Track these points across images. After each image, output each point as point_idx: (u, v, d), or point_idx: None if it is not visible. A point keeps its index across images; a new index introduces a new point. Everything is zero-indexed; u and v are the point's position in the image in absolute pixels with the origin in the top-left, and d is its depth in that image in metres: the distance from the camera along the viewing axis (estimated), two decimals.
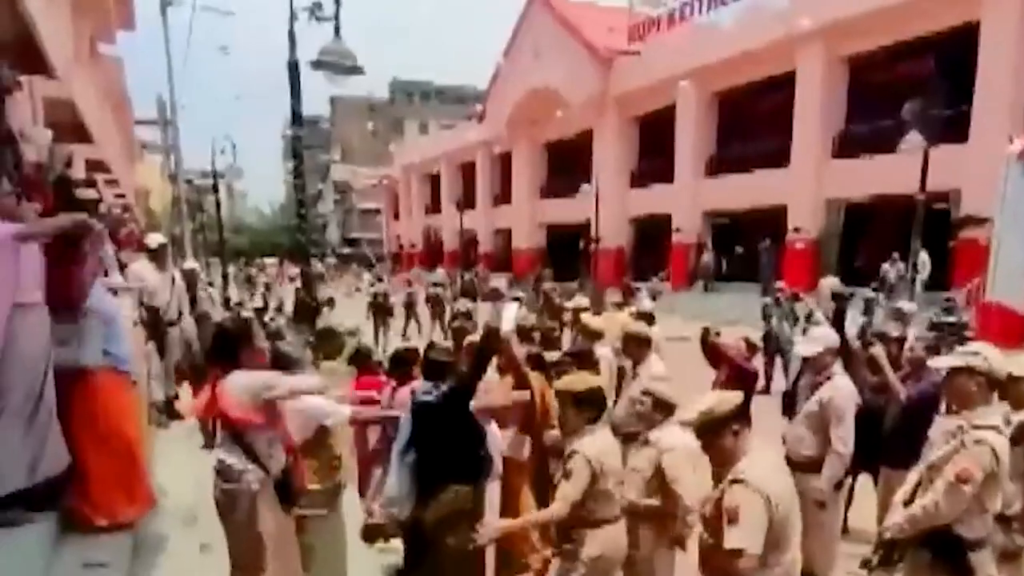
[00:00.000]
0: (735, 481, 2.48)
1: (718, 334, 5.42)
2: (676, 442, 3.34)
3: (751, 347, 5.30)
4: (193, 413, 3.50)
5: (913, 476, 3.02)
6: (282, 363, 3.58)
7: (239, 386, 3.14)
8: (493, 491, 3.86)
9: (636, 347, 4.74)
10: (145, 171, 28.83)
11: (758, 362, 6.53)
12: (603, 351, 5.16)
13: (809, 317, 8.60)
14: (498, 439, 3.90)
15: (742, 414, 2.59)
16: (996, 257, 11.09)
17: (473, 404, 3.42)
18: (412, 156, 43.03)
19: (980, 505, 2.70)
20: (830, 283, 14.29)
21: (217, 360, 3.29)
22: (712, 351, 5.37)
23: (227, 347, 3.28)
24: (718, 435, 2.60)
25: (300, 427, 3.50)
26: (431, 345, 3.99)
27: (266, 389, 3.17)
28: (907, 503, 2.92)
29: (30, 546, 2.93)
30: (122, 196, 20.45)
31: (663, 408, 3.52)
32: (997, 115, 13.71)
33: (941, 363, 3.05)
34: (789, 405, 6.06)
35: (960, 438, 2.74)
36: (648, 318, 6.33)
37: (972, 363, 2.79)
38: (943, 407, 3.74)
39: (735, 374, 5.24)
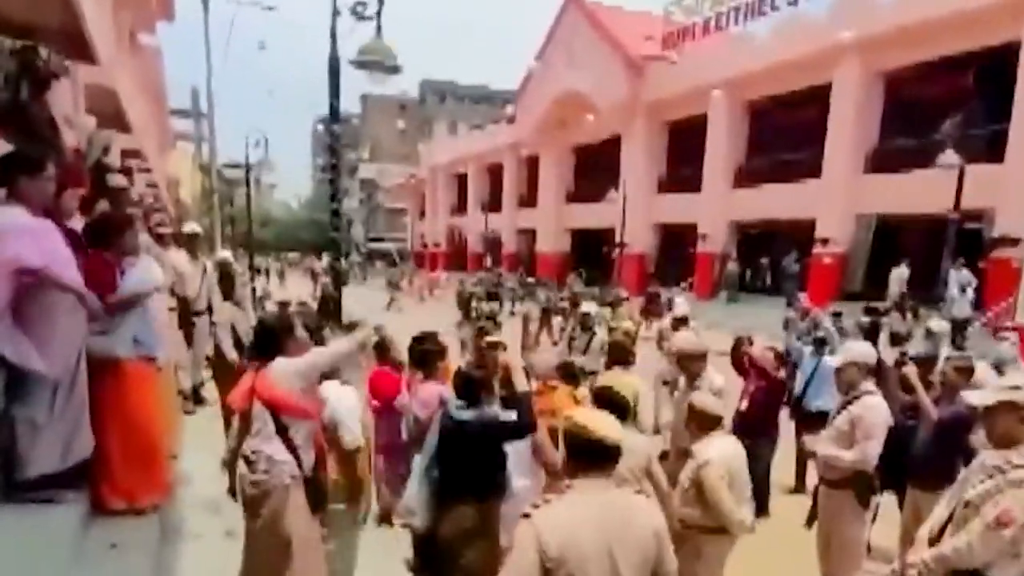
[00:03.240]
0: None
1: (751, 343, 5.38)
2: (713, 455, 3.32)
3: (779, 357, 5.25)
4: (229, 402, 3.50)
5: (941, 510, 2.86)
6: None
7: (288, 371, 3.11)
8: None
9: (691, 362, 4.66)
10: (177, 161, 29.28)
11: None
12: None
13: (816, 327, 8.50)
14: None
15: (768, 420, 2.52)
16: None
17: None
18: (440, 156, 43.20)
19: (1015, 548, 2.55)
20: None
21: (260, 354, 3.28)
22: (743, 361, 5.33)
23: (270, 340, 3.27)
24: None
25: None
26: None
27: (313, 368, 3.18)
28: (933, 540, 2.78)
29: (60, 525, 2.99)
30: (154, 185, 20.77)
31: (701, 419, 3.49)
32: None
33: (975, 399, 2.87)
34: (796, 409, 6.08)
35: (999, 478, 2.58)
36: (684, 322, 6.29)
37: (1013, 398, 2.64)
38: (979, 433, 3.64)
39: (765, 384, 5.20)
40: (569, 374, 4.37)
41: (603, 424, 2.24)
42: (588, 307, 8.17)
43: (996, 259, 14.01)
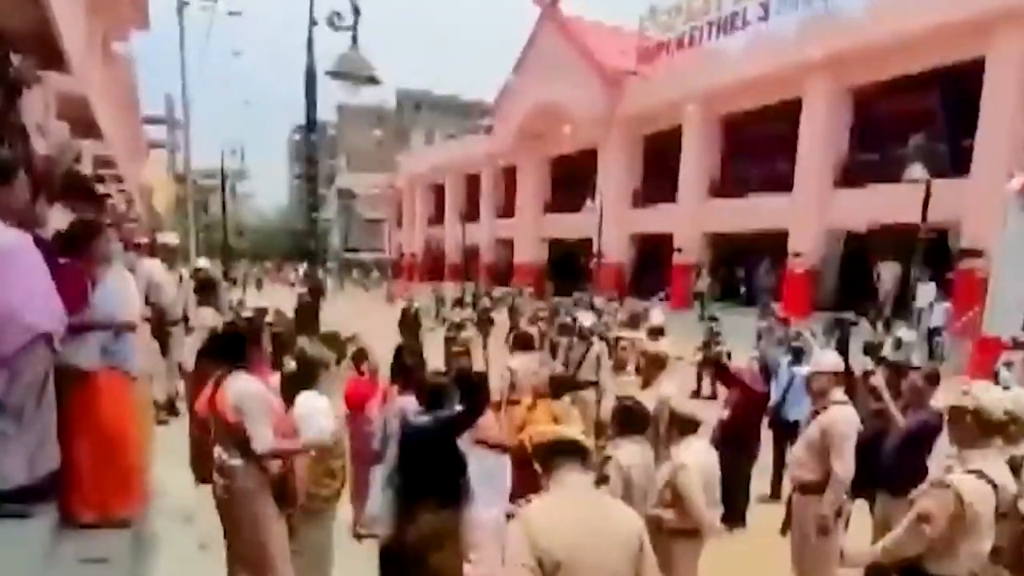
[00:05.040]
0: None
1: (729, 356, 5.48)
2: (689, 459, 3.40)
3: (762, 369, 5.36)
4: (197, 409, 3.50)
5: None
6: (307, 366, 3.58)
7: (234, 392, 3.14)
8: None
9: (651, 367, 4.73)
10: (150, 169, 28.87)
11: None
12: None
13: (797, 338, 8.66)
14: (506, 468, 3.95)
15: (750, 432, 2.60)
16: (994, 290, 11.18)
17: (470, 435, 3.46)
18: (417, 166, 43.17)
19: (949, 545, 2.68)
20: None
21: (224, 359, 3.30)
22: (724, 373, 5.42)
23: (236, 346, 3.29)
24: None
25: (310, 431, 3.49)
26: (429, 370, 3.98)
27: (242, 411, 3.11)
28: None
29: (30, 539, 2.92)
30: (126, 193, 20.48)
31: (680, 423, 3.56)
32: (999, 151, 13.85)
33: (938, 403, 3.10)
34: (775, 418, 6.19)
35: (931, 478, 2.79)
36: (660, 332, 6.37)
37: (961, 402, 2.81)
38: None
39: (746, 395, 5.29)
40: (559, 386, 4.38)
41: (565, 429, 2.44)
42: (585, 318, 8.12)
43: (962, 270, 14.38)
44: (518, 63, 29.76)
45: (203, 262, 7.09)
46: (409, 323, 12.80)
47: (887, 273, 16.04)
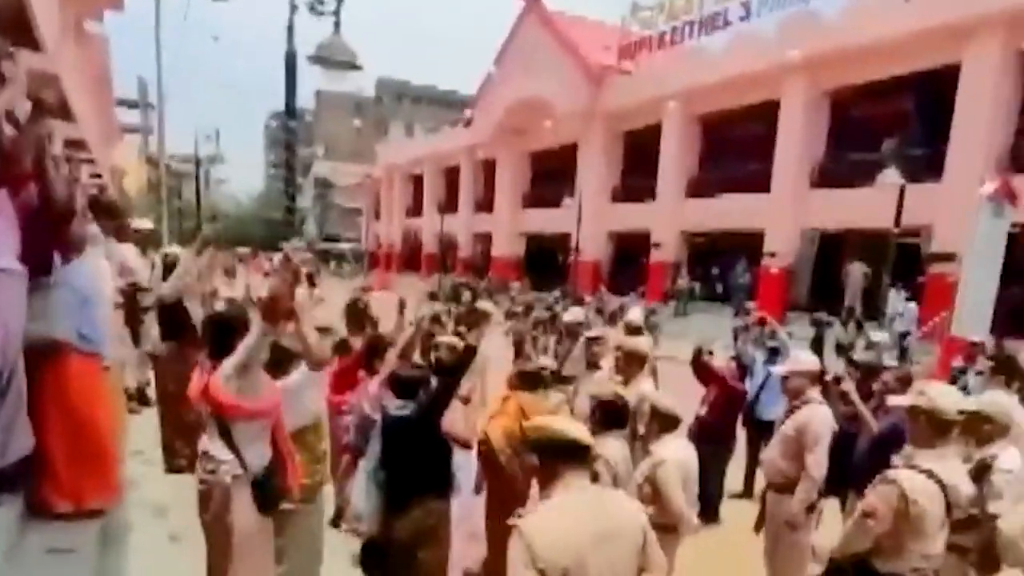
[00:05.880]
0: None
1: (711, 353, 5.52)
2: (669, 455, 3.41)
3: (741, 368, 5.41)
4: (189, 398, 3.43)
5: None
6: (280, 354, 3.52)
7: (223, 374, 3.05)
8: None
9: (629, 364, 4.72)
10: (123, 153, 28.33)
11: None
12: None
13: (772, 336, 8.75)
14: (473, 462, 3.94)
15: (727, 429, 2.62)
16: (963, 294, 11.40)
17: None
18: (396, 156, 42.86)
19: (896, 542, 2.73)
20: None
21: (214, 353, 3.20)
22: (703, 370, 5.46)
23: (225, 336, 3.20)
24: None
25: (293, 414, 3.44)
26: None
27: (236, 367, 3.00)
28: None
29: None
30: (98, 176, 20.07)
31: (660, 420, 3.57)
32: (971, 156, 14.13)
33: (896, 402, 3.17)
34: (749, 416, 6.26)
35: (880, 475, 2.84)
36: (638, 331, 6.38)
37: (916, 402, 2.87)
38: None
39: (724, 393, 5.33)
40: (530, 379, 4.34)
41: (571, 426, 2.30)
42: (574, 313, 8.10)
43: (933, 274, 14.67)
44: (500, 56, 29.65)
45: (173, 248, 6.93)
46: (356, 315, 12.52)
47: (854, 272, 16.34)
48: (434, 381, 3.56)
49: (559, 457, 2.23)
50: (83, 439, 3.36)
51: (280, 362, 3.47)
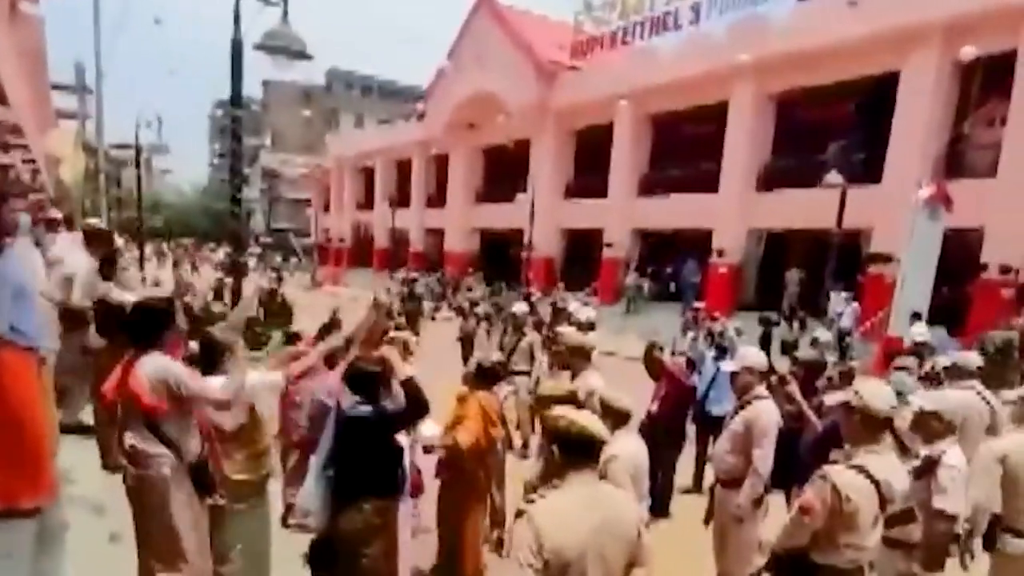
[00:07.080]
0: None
1: (662, 349, 5.60)
2: (619, 451, 3.42)
3: (690, 363, 5.50)
4: (104, 392, 3.30)
5: None
6: (211, 350, 3.44)
7: (153, 371, 2.99)
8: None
9: (576, 358, 4.75)
10: (58, 139, 27.08)
11: None
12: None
13: (722, 335, 9.01)
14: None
15: (677, 424, 2.67)
16: (900, 294, 11.88)
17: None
18: (346, 148, 42.11)
19: (830, 536, 2.81)
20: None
21: (137, 340, 3.12)
22: (655, 365, 5.53)
23: (149, 327, 3.11)
24: None
25: (232, 414, 3.36)
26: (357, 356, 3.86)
27: (178, 385, 3.03)
28: None
29: None
30: (32, 162, 19.14)
31: (613, 416, 3.59)
32: (909, 161, 14.67)
33: (831, 399, 3.27)
34: (698, 412, 6.39)
35: (816, 472, 2.93)
36: (591, 327, 6.44)
37: (849, 400, 2.97)
38: None
39: (675, 388, 5.42)
40: (487, 375, 4.32)
41: (595, 423, 2.43)
42: (518, 307, 8.25)
43: (872, 274, 15.23)
44: (452, 50, 29.41)
45: (95, 220, 6.66)
46: (270, 305, 12.07)
47: (791, 278, 17.30)
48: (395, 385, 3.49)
49: (577, 451, 2.35)
50: (16, 437, 3.20)
51: (214, 359, 3.39)
